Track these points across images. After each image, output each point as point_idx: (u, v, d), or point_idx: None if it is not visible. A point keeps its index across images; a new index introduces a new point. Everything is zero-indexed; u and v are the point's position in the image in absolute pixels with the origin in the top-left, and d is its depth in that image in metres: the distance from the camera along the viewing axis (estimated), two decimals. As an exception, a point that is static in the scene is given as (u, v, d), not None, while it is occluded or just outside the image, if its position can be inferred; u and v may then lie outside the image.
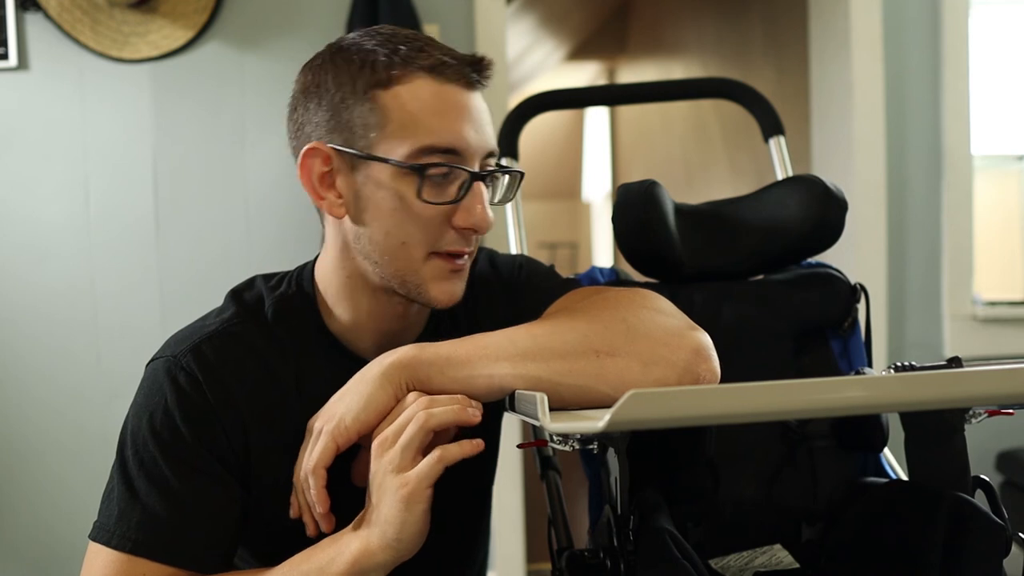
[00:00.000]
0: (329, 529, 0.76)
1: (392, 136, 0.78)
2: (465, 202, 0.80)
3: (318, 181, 0.82)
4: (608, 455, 0.80)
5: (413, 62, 0.79)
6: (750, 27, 3.38)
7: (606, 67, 6.33)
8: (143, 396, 0.83)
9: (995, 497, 0.82)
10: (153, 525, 0.78)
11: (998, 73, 2.52)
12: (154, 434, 0.80)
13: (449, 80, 0.79)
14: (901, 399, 0.59)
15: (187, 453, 0.80)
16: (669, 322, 0.81)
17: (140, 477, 0.79)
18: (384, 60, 0.79)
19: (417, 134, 0.77)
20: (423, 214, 0.79)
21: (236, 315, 0.86)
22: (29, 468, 2.03)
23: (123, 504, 0.79)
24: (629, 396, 0.51)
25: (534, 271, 0.98)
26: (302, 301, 0.88)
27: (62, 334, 2.02)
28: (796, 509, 1.00)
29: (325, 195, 0.82)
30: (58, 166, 2.01)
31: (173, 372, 0.81)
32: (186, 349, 0.83)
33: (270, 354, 0.85)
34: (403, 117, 0.78)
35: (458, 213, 0.80)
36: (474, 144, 0.79)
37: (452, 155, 0.79)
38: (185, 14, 2.01)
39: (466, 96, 0.80)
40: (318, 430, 0.76)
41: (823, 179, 1.08)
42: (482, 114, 0.81)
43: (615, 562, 0.77)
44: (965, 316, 2.26)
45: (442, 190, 0.79)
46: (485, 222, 0.80)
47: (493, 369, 0.74)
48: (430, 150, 0.78)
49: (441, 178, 0.79)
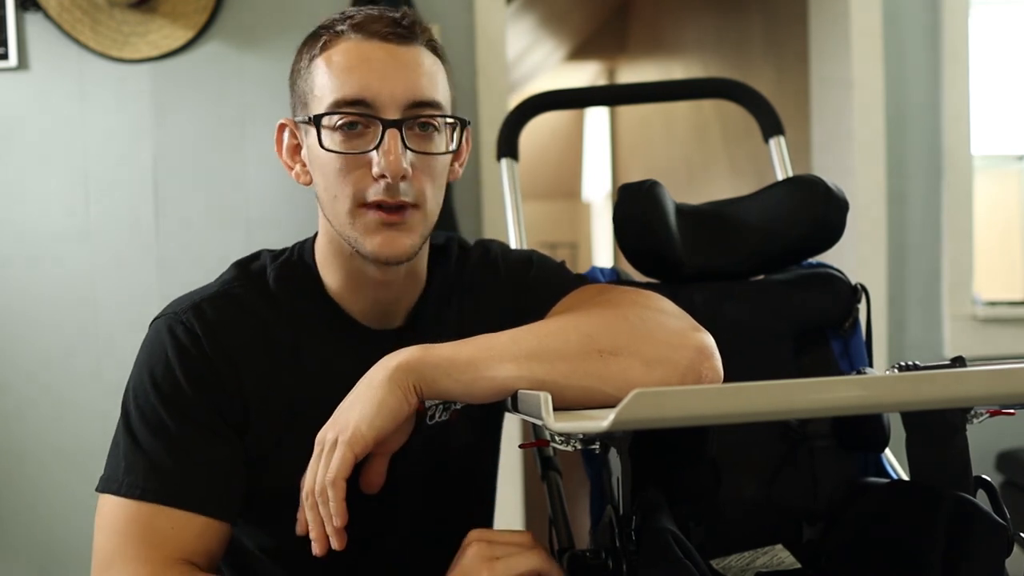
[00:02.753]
0: (342, 547, 0.74)
1: (318, 97, 0.82)
2: (378, 150, 0.80)
3: (288, 152, 0.90)
4: (610, 455, 0.80)
5: (341, 27, 0.83)
6: (750, 27, 3.38)
7: (606, 67, 6.32)
8: (145, 353, 0.86)
9: (996, 497, 0.82)
10: (159, 473, 0.80)
11: (998, 73, 2.52)
12: (155, 387, 0.83)
13: (368, 36, 0.82)
14: (902, 399, 0.59)
15: (187, 404, 0.82)
16: (672, 322, 0.81)
17: (143, 429, 0.82)
18: (323, 31, 0.84)
19: (331, 90, 0.81)
20: (332, 164, 0.82)
21: (237, 278, 0.90)
22: (29, 470, 2.02)
23: (129, 456, 0.82)
24: (633, 396, 0.51)
25: (543, 266, 0.99)
26: (302, 268, 0.92)
27: (62, 334, 2.02)
28: (797, 509, 1.00)
29: (293, 165, 0.90)
30: (58, 166, 2.01)
31: (173, 327, 0.85)
32: (187, 307, 0.86)
33: (269, 317, 0.88)
34: (324, 79, 0.82)
35: (374, 163, 0.81)
36: (387, 93, 0.80)
37: (361, 106, 0.80)
38: (185, 14, 2.01)
39: (386, 49, 0.81)
40: (332, 441, 0.74)
41: (823, 179, 1.08)
42: (407, 65, 0.82)
43: (617, 562, 0.77)
44: (965, 316, 2.26)
45: (357, 141, 0.81)
46: (393, 167, 0.79)
47: (497, 371, 0.74)
48: (340, 103, 0.81)
49: (352, 129, 0.81)
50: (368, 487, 0.78)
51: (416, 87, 0.82)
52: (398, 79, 0.81)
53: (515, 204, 1.39)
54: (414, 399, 0.75)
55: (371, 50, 0.81)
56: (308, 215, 1.91)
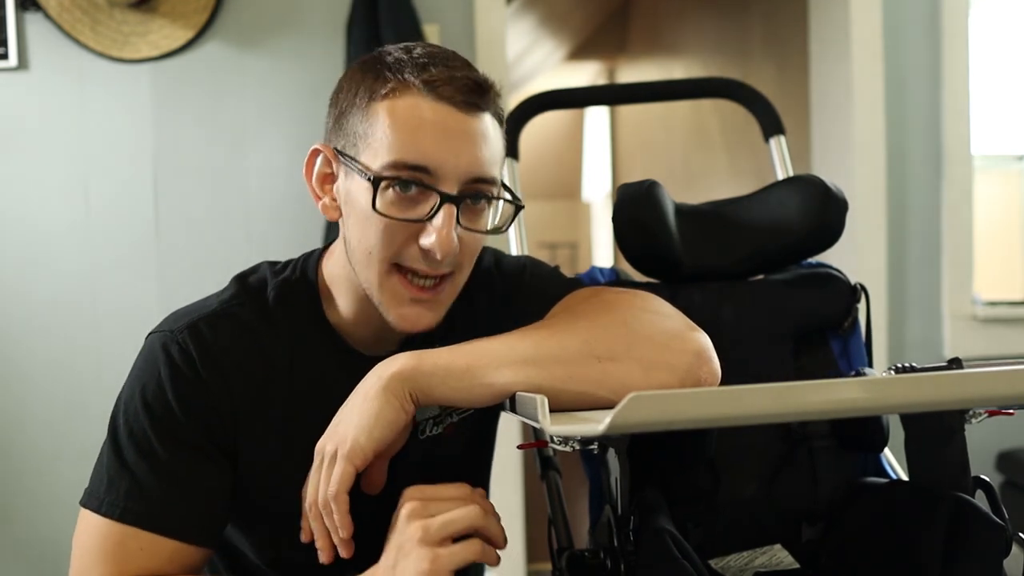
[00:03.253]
0: (349, 555, 0.74)
1: (374, 147, 0.78)
2: (430, 223, 0.77)
3: (318, 180, 0.85)
4: (608, 455, 0.80)
5: (411, 77, 0.78)
6: (750, 27, 3.38)
7: (606, 67, 6.32)
8: (138, 368, 0.85)
9: (995, 497, 0.82)
10: (140, 494, 0.79)
11: (998, 73, 2.52)
12: (146, 406, 0.81)
13: (440, 98, 0.77)
14: (901, 400, 0.59)
15: (176, 427, 0.81)
16: (669, 325, 0.81)
17: (130, 447, 0.81)
18: (388, 74, 0.79)
19: (393, 148, 0.77)
20: (379, 226, 0.78)
21: (236, 296, 0.88)
22: (29, 470, 2.02)
23: (112, 472, 0.81)
24: (629, 399, 0.51)
25: (537, 273, 0.98)
26: (304, 288, 0.89)
27: (62, 334, 2.02)
28: (796, 509, 1.00)
29: (322, 195, 0.85)
30: (58, 166, 2.01)
31: (168, 347, 0.83)
32: (183, 325, 0.84)
33: (266, 337, 0.86)
34: (386, 130, 0.77)
35: (423, 233, 0.78)
36: (450, 165, 0.77)
37: (422, 173, 0.77)
38: (185, 14, 2.01)
39: (455, 117, 0.78)
40: (331, 454, 0.74)
41: (823, 179, 1.08)
42: (474, 138, 0.78)
43: (615, 562, 0.77)
44: (965, 316, 2.26)
45: (410, 207, 0.78)
46: (445, 246, 0.76)
47: (494, 377, 0.74)
48: (400, 165, 0.77)
49: (405, 192, 0.77)
50: (370, 488, 0.78)
51: (479, 162, 0.79)
52: (463, 152, 0.77)
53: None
54: (411, 407, 0.74)
55: (440, 114, 0.77)
56: (308, 215, 1.92)
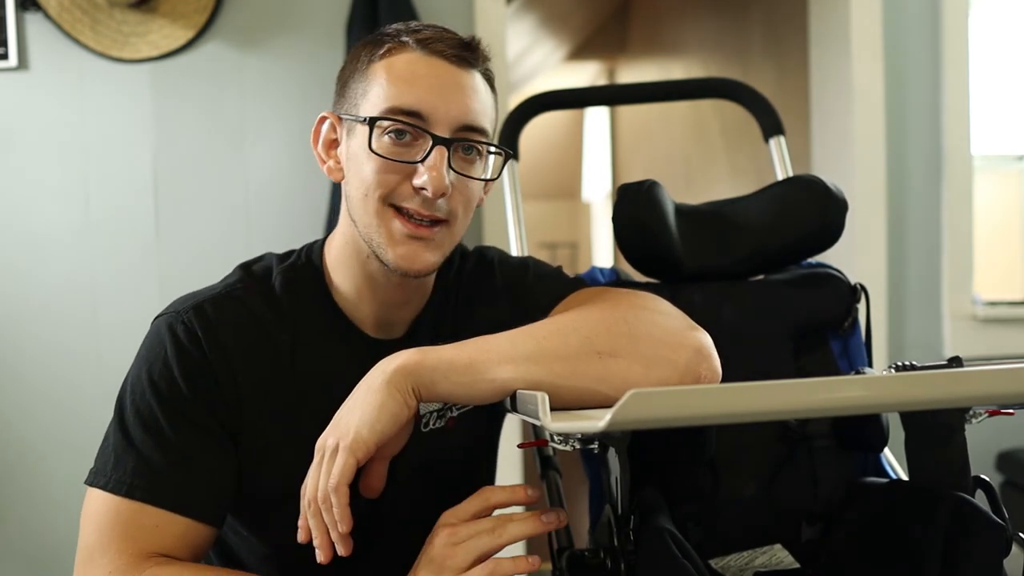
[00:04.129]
0: (348, 553, 0.74)
1: (372, 100, 0.83)
2: (422, 164, 0.82)
3: (324, 145, 0.90)
4: (609, 455, 0.80)
5: (406, 38, 0.84)
6: (750, 27, 3.38)
7: (606, 67, 6.32)
8: (144, 349, 0.87)
9: (995, 497, 0.82)
10: (148, 471, 0.81)
11: (998, 73, 2.52)
12: (152, 385, 0.83)
13: (433, 53, 0.84)
14: (901, 399, 0.59)
15: (183, 405, 0.83)
16: (670, 323, 0.81)
17: (136, 426, 0.82)
18: (387, 38, 0.85)
19: (389, 96, 0.82)
20: (372, 165, 0.83)
21: (241, 280, 0.90)
22: (29, 468, 2.02)
23: (119, 451, 0.82)
24: (630, 396, 0.51)
25: (539, 272, 1.00)
26: (309, 272, 0.92)
27: (62, 334, 2.02)
28: (796, 509, 1.00)
29: (327, 159, 0.91)
30: (58, 166, 2.01)
31: (174, 326, 0.85)
32: (189, 306, 0.87)
33: (270, 321, 0.88)
34: (383, 83, 0.83)
35: (416, 174, 0.82)
36: (442, 111, 0.82)
37: (416, 118, 0.82)
38: (185, 14, 2.01)
39: (448, 69, 0.83)
40: (332, 447, 0.74)
41: (823, 179, 1.08)
42: (464, 89, 0.84)
43: (615, 562, 0.77)
44: (965, 316, 2.26)
45: (404, 152, 0.82)
46: (436, 182, 0.81)
47: (496, 373, 0.74)
48: (395, 110, 0.82)
49: (400, 139, 0.82)
50: (368, 492, 0.78)
51: (469, 111, 0.84)
52: (454, 99, 0.83)
53: (515, 204, 1.39)
54: (413, 402, 0.75)
55: (433, 66, 0.83)
56: (308, 214, 1.92)
